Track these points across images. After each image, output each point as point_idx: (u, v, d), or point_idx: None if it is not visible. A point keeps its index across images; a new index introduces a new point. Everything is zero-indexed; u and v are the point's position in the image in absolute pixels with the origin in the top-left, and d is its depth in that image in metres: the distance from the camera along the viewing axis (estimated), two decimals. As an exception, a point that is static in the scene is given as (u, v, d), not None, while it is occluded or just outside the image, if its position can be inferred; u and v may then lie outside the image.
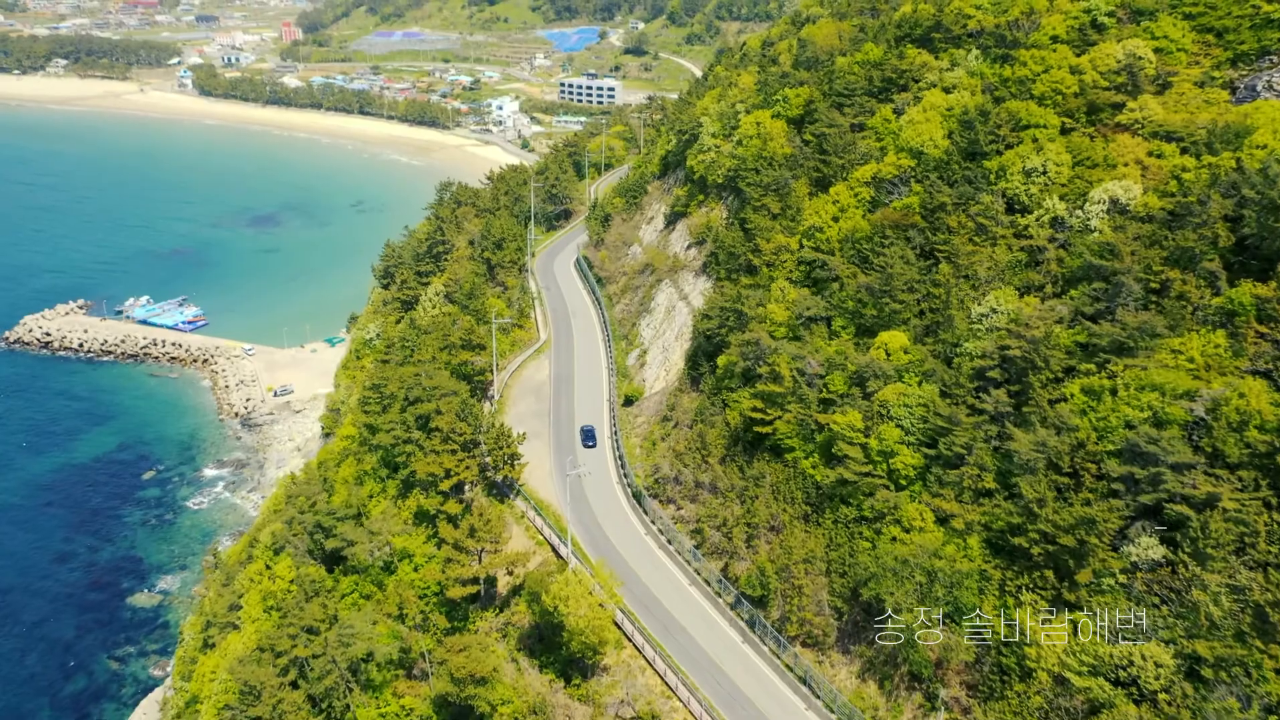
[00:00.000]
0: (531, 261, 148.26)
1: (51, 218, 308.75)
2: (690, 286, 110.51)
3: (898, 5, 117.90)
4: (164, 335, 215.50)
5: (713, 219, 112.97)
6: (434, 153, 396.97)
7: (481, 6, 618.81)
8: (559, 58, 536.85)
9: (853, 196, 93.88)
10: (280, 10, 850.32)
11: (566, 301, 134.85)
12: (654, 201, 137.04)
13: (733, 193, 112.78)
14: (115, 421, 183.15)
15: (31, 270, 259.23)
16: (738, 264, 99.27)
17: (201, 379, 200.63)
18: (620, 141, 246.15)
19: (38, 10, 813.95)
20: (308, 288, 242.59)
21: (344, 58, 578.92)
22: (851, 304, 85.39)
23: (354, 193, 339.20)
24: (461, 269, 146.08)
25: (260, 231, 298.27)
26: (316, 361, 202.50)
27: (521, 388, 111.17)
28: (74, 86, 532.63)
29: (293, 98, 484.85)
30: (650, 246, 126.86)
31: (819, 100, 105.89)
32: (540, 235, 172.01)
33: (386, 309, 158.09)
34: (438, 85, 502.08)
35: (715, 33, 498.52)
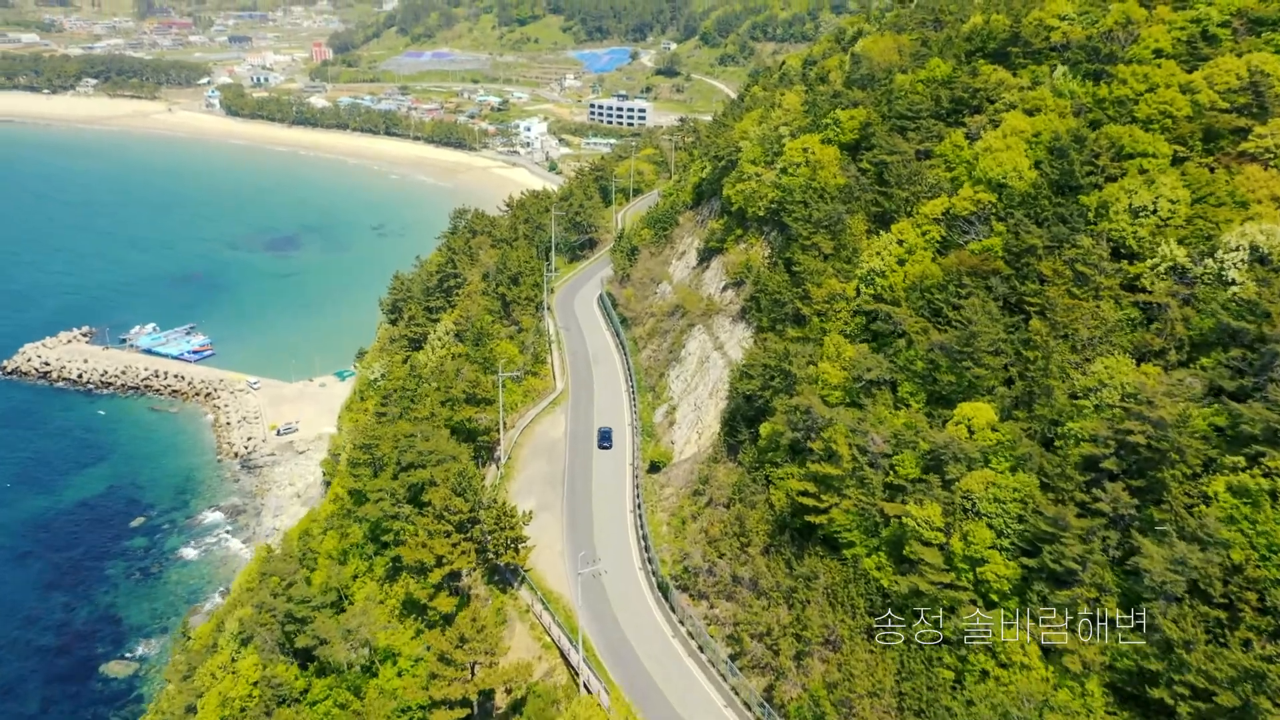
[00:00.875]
0: (550, 298, 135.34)
1: (70, 237, 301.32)
2: (726, 334, 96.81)
3: (964, 16, 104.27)
4: (167, 366, 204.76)
5: (753, 257, 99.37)
6: (459, 174, 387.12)
7: (512, 27, 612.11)
8: (589, 78, 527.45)
9: (920, 236, 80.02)
10: (313, 31, 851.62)
11: (587, 344, 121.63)
12: (686, 234, 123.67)
13: (777, 228, 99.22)
14: (108, 461, 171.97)
15: (42, 293, 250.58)
16: (783, 312, 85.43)
17: (203, 414, 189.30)
18: (650, 165, 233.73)
19: (73, 30, 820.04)
20: (321, 316, 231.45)
21: (372, 78, 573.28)
22: (922, 366, 71.40)
23: (376, 215, 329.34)
24: (473, 305, 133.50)
25: (278, 255, 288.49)
26: (325, 397, 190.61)
27: (533, 447, 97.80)
28: (103, 106, 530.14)
29: (319, 118, 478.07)
30: (681, 285, 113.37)
31: (877, 123, 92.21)
32: (562, 267, 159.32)
33: (393, 346, 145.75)
34: (466, 106, 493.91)
35: (749, 54, 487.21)
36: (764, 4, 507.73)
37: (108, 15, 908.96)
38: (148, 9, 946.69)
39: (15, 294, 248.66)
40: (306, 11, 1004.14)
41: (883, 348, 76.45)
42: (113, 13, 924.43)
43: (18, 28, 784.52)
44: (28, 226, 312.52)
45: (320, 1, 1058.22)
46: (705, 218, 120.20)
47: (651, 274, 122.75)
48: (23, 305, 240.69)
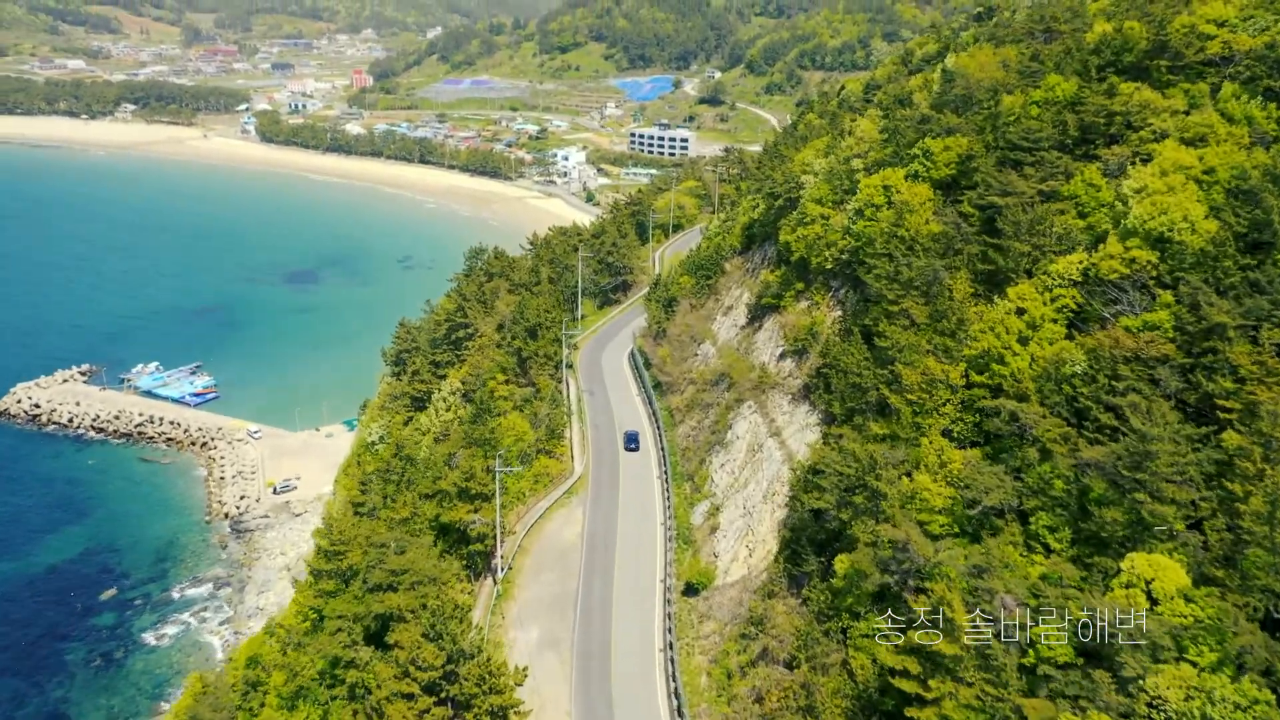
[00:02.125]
0: (574, 354, 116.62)
1: (87, 266, 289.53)
2: (785, 417, 77.18)
3: (1084, 24, 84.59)
4: (164, 411, 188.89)
5: (818, 320, 79.85)
6: (492, 204, 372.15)
7: (553, 55, 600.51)
8: (630, 107, 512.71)
9: (1049, 305, 60.24)
10: (356, 59, 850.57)
11: (614, 413, 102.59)
12: (734, 285, 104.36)
13: (849, 284, 79.76)
14: (88, 519, 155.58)
15: (47, 326, 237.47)
16: (862, 400, 65.69)
17: (197, 466, 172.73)
18: (691, 199, 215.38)
19: (120, 57, 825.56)
20: (333, 357, 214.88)
21: (410, 105, 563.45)
22: (1063, 489, 51.60)
23: (402, 247, 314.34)
24: (485, 361, 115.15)
25: (297, 289, 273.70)
26: (330, 449, 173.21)
27: (541, 553, 78.58)
28: (139, 131, 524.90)
29: (353, 145, 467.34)
30: (728, 348, 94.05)
31: (980, 155, 72.68)
32: (590, 314, 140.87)
33: (394, 405, 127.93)
34: (503, 134, 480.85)
35: (797, 82, 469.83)
36: (812, 32, 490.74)
37: (155, 43, 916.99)
38: (195, 37, 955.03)
39: (19, 328, 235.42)
40: (351, 40, 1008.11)
41: (1003, 457, 56.61)
42: (160, 40, 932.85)
43: (66, 54, 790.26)
44: (44, 255, 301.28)
45: (365, 30, 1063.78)
46: (757, 266, 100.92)
47: (692, 331, 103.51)
48: (24, 340, 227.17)
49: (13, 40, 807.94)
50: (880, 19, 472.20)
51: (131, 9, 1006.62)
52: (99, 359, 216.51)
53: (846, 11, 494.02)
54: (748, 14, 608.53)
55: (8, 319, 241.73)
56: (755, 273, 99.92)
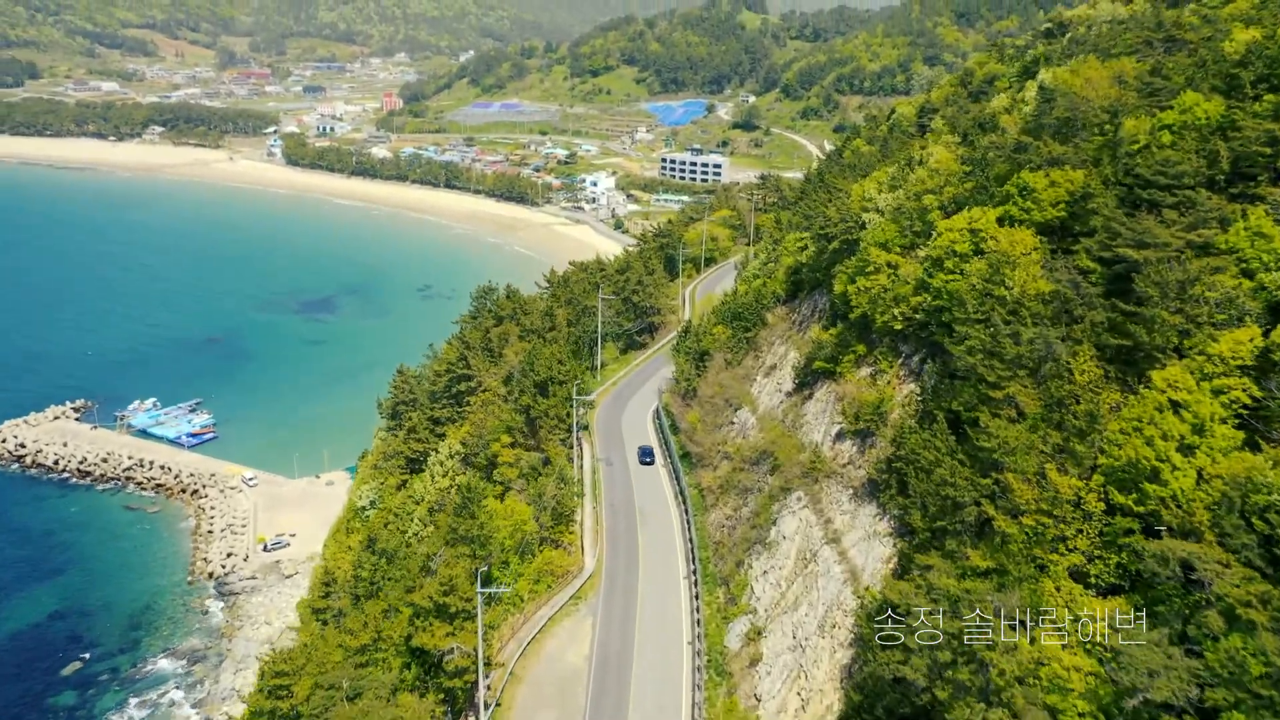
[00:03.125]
0: (590, 414, 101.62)
1: (98, 293, 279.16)
2: (845, 518, 61.56)
3: (1221, 30, 68.78)
4: (156, 453, 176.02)
5: (887, 395, 64.26)
6: (518, 231, 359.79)
7: (584, 78, 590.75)
8: (662, 131, 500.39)
9: (1216, 400, 44.46)
10: (387, 82, 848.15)
11: (634, 488, 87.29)
12: (777, 340, 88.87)
13: (927, 351, 64.27)
14: (61, 577, 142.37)
15: (46, 358, 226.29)
16: (956, 517, 49.96)
17: (185, 516, 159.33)
18: (725, 230, 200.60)
19: (154, 80, 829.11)
20: (340, 395, 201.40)
21: (438, 128, 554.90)
22: (1263, 675, 35.73)
23: (423, 275, 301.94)
24: (489, 419, 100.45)
25: (310, 318, 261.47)
26: (329, 499, 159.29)
27: (538, 683, 63.21)
28: (165, 153, 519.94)
29: (378, 169, 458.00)
30: (770, 418, 78.62)
31: (1099, 193, 57.11)
32: (612, 360, 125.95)
33: (389, 465, 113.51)
34: (532, 158, 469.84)
35: (834, 107, 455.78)
36: (850, 55, 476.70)
37: (190, 65, 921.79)
38: (229, 60, 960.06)
39: (20, 357, 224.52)
40: (384, 63, 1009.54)
41: (1161, 610, 40.79)
42: (195, 63, 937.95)
43: (100, 77, 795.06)
44: (56, 280, 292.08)
45: (398, 54, 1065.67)
46: (806, 319, 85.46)
47: (726, 392, 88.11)
48: (23, 371, 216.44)
49: (49, 63, 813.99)
50: (921, 42, 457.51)
51: (168, 32, 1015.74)
52: (96, 393, 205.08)
53: (886, 35, 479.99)
54: (783, 38, 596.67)
55: (11, 348, 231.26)
56: (803, 327, 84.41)
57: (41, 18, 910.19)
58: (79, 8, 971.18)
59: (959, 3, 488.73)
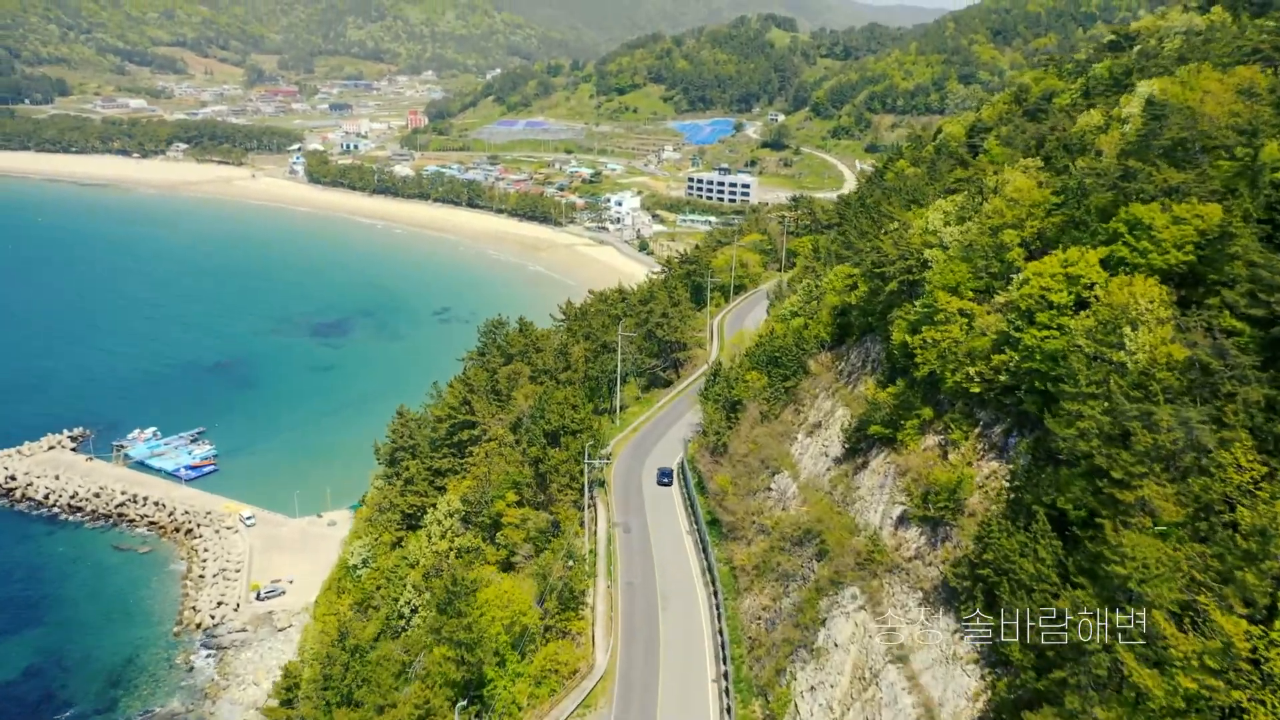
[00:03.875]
0: (607, 471, 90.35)
1: (109, 314, 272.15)
2: (915, 629, 49.76)
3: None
4: (151, 488, 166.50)
5: (965, 476, 52.55)
6: (541, 252, 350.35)
7: (610, 96, 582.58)
8: (689, 150, 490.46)
9: None
10: (413, 100, 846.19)
11: (654, 563, 75.77)
12: (821, 393, 77.27)
13: (1014, 421, 52.63)
14: (41, 626, 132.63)
15: (49, 381, 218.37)
16: (1079, 665, 38.19)
17: (177, 558, 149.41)
18: (755, 255, 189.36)
19: (182, 97, 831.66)
20: (346, 425, 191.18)
21: (462, 146, 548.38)
22: None
23: (441, 297, 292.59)
24: (495, 472, 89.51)
25: (322, 342, 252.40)
26: (329, 542, 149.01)
27: (534, 826, 51.81)
28: (188, 171, 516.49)
29: (400, 187, 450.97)
30: (815, 488, 67.08)
31: (1239, 233, 45.47)
32: (633, 402, 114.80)
33: (384, 518, 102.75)
34: (556, 177, 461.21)
35: (865, 126, 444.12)
36: (883, 73, 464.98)
37: (219, 83, 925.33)
38: (258, 77, 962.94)
39: (23, 382, 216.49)
40: (411, 81, 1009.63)
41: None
42: (224, 80, 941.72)
43: (130, 94, 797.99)
44: (68, 300, 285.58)
45: (426, 72, 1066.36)
46: (856, 370, 73.87)
47: (762, 451, 76.64)
48: (21, 397, 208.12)
49: (79, 80, 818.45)
50: (955, 60, 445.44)
51: (198, 50, 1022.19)
52: (98, 419, 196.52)
53: (919, 52, 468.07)
54: (813, 55, 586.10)
55: (15, 369, 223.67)
56: (853, 380, 72.83)
57: (74, 35, 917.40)
58: (111, 26, 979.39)
59: (995, 20, 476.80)
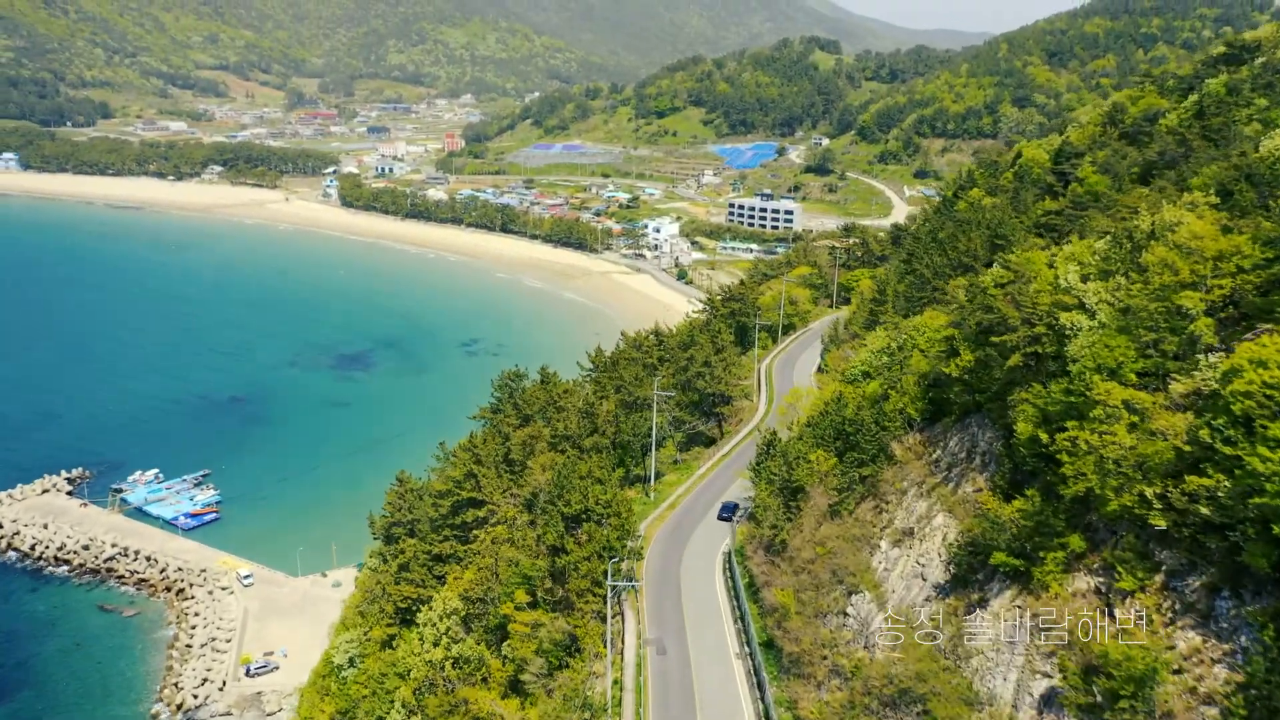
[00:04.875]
0: (638, 567, 74.55)
1: (125, 343, 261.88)
2: None
3: None
4: (145, 540, 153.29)
5: (1152, 648, 36.22)
6: (575, 280, 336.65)
7: (649, 119, 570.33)
8: (730, 175, 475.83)
9: None
10: (451, 123, 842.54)
11: (696, 700, 59.40)
12: (912, 488, 60.85)
13: (1225, 577, 36.18)
14: (6, 701, 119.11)
15: (57, 417, 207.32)
16: None
17: (165, 622, 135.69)
18: (805, 291, 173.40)
19: (222, 120, 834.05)
20: (360, 471, 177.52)
21: (497, 170, 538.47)
22: None
23: (469, 327, 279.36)
24: (502, 565, 74.30)
25: (341, 375, 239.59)
26: (333, 602, 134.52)
27: None
28: (221, 193, 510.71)
29: (433, 211, 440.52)
30: (909, 624, 50.78)
31: None
32: (669, 467, 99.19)
33: (374, 608, 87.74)
34: (592, 202, 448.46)
35: (914, 150, 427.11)
36: (932, 96, 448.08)
37: (259, 106, 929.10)
38: (298, 101, 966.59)
39: (23, 418, 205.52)
40: (450, 104, 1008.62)
41: None
42: (264, 104, 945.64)
43: (171, 117, 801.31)
44: (85, 328, 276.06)
45: (465, 95, 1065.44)
46: (960, 463, 57.56)
47: (834, 559, 60.50)
48: (23, 433, 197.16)
49: (122, 103, 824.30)
50: (1009, 82, 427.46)
51: (240, 74, 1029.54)
52: (98, 460, 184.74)
53: (970, 75, 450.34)
54: (858, 78, 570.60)
55: (21, 403, 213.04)
56: (956, 476, 56.62)
57: (119, 59, 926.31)
58: (156, 50, 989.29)
59: (1049, 41, 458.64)
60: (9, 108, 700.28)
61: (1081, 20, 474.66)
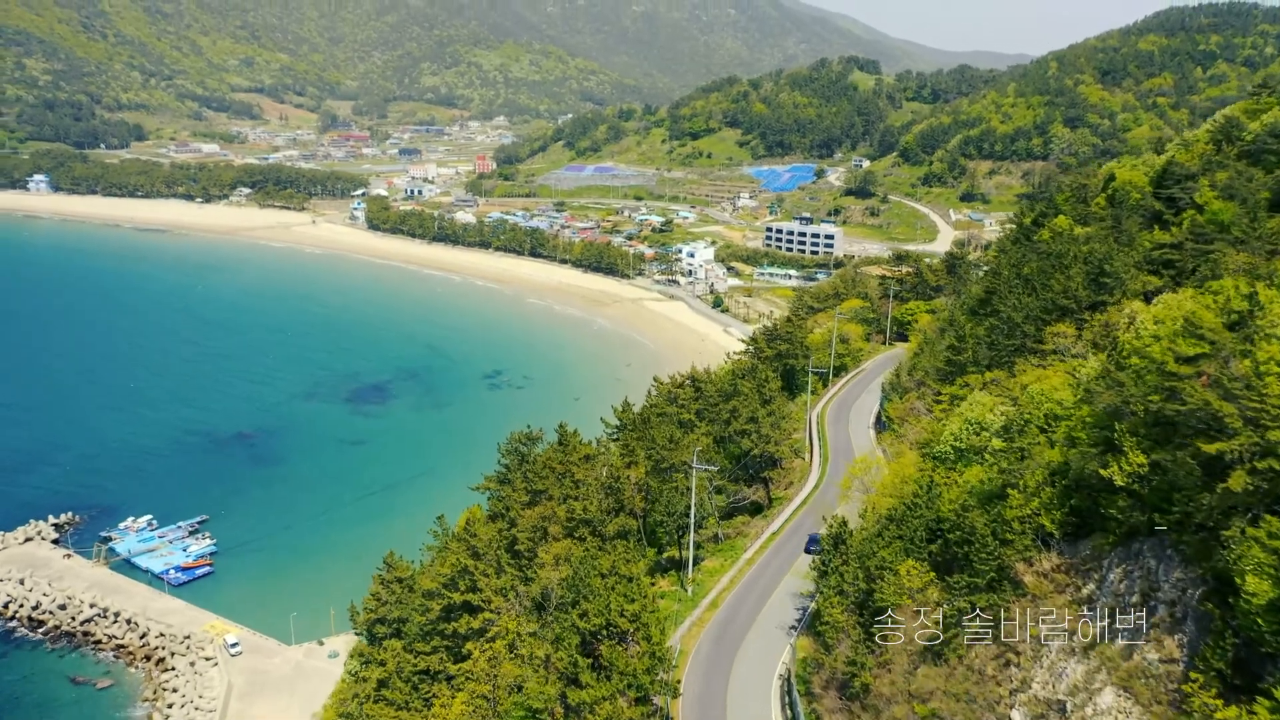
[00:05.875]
0: (673, 706, 58.59)
1: (134, 374, 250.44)
2: None
3: None
4: (128, 599, 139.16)
5: None
6: (605, 307, 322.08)
7: (683, 141, 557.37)
8: (766, 198, 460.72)
9: None
10: (484, 145, 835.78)
11: None
12: (1056, 637, 44.41)
13: None
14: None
15: (55, 455, 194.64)
16: None
17: (140, 697, 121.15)
18: (856, 327, 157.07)
19: (255, 142, 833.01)
20: (368, 520, 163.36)
21: (528, 192, 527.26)
22: None
23: (494, 356, 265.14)
24: (500, 692, 58.58)
25: (357, 410, 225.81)
26: (328, 677, 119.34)
27: None
28: (248, 216, 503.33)
29: (460, 235, 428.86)
30: None
31: None
32: (709, 550, 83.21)
33: (352, 727, 72.26)
34: (624, 225, 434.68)
35: (960, 172, 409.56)
36: (978, 116, 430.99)
37: (293, 128, 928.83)
38: (331, 123, 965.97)
39: (17, 456, 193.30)
40: (482, 126, 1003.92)
41: None
42: (298, 126, 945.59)
43: (204, 139, 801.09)
44: (94, 358, 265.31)
45: (497, 117, 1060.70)
46: (1125, 605, 40.55)
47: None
48: (15, 472, 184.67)
49: (156, 125, 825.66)
50: (1060, 102, 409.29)
51: (275, 96, 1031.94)
52: (91, 503, 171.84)
53: (1019, 94, 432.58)
54: (898, 99, 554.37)
55: (18, 438, 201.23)
56: (1128, 630, 40.02)
57: (155, 82, 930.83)
58: (192, 73, 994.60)
59: (1102, 59, 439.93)
60: (44, 130, 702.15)
61: (1135, 38, 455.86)
